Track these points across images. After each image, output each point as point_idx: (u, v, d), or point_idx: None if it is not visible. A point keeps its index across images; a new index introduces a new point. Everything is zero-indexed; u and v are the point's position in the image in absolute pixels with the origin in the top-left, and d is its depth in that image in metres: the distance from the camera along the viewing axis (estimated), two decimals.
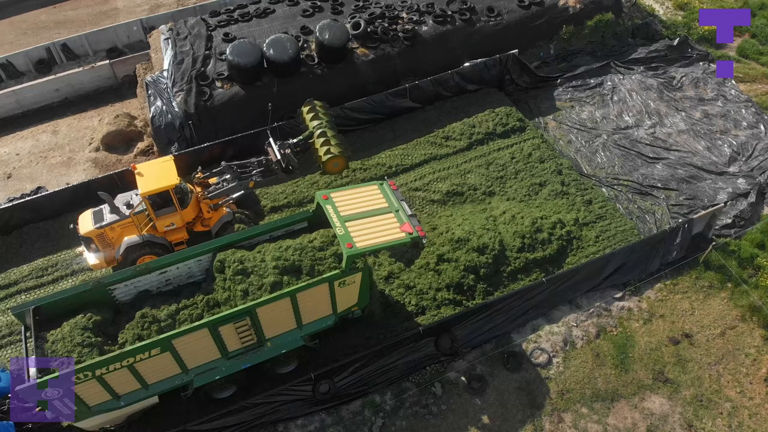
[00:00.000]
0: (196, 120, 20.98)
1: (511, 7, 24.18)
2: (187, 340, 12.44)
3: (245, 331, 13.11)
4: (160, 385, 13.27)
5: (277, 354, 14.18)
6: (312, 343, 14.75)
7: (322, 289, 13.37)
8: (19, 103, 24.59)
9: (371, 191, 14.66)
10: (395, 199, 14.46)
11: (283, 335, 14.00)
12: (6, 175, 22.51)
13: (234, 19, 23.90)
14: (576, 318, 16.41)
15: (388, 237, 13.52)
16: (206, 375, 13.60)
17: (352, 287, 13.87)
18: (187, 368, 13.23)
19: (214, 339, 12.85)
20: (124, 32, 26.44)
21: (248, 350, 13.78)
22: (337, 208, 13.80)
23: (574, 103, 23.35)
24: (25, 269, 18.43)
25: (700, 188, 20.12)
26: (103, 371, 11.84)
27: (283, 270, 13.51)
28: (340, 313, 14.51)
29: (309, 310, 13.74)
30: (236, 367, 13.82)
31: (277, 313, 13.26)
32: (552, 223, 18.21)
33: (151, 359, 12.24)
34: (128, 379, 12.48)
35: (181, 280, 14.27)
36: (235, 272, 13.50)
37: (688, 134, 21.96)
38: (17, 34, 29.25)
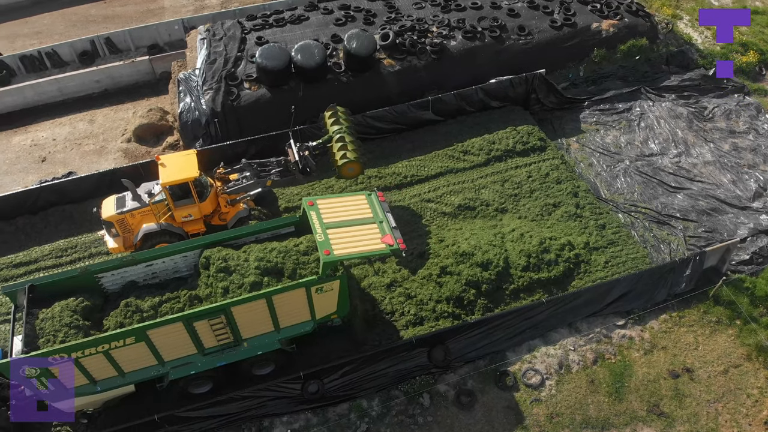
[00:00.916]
0: (222, 118, 21.61)
1: (542, 27, 24.13)
2: (163, 333, 12.82)
3: (220, 329, 13.41)
4: (136, 375, 13.69)
5: (253, 355, 14.42)
6: (289, 347, 14.93)
7: (298, 294, 13.54)
8: (60, 91, 25.80)
9: (358, 201, 14.87)
10: (381, 210, 14.61)
11: (260, 337, 14.23)
12: (41, 159, 23.61)
13: (269, 23, 24.57)
14: (574, 342, 16.17)
15: (368, 247, 13.68)
16: (182, 369, 13.95)
17: (331, 294, 13.97)
18: (163, 360, 13.61)
19: (190, 334, 13.18)
20: (166, 30, 27.44)
21: (224, 348, 14.05)
22: (321, 215, 14.02)
23: (599, 127, 23.09)
24: (47, 249, 19.29)
25: (721, 222, 19.60)
26: (79, 354, 12.29)
27: (264, 271, 13.79)
28: (319, 320, 14.64)
29: (286, 313, 13.93)
30: (212, 364, 14.13)
31: (253, 314, 13.49)
32: (561, 245, 18.02)
33: (126, 348, 12.66)
34: (105, 366, 12.92)
35: (167, 274, 14.73)
36: (218, 269, 13.87)
37: (714, 166, 21.43)
38: (67, 25, 30.70)
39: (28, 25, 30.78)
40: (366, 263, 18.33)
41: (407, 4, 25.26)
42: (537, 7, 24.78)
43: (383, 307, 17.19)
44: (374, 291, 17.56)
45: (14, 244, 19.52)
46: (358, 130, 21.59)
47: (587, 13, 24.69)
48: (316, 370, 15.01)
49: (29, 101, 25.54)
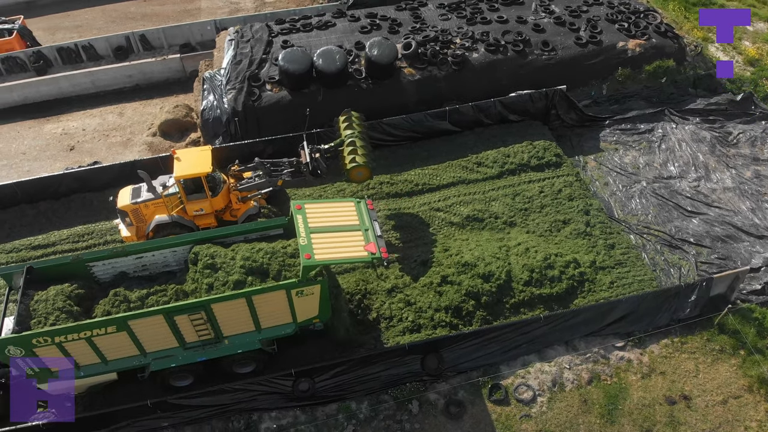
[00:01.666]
0: (242, 117, 22.12)
1: (567, 43, 24.02)
2: (144, 324, 13.15)
3: (201, 325, 13.68)
4: (119, 363, 14.06)
5: (234, 353, 14.66)
6: (269, 348, 15.12)
7: (279, 296, 13.71)
8: (94, 83, 26.78)
9: (346, 207, 15.03)
10: (368, 218, 14.73)
11: (240, 335, 14.46)
12: (69, 147, 24.52)
13: (296, 28, 25.10)
14: (570, 360, 15.97)
15: (350, 253, 13.82)
16: (163, 361, 14.27)
17: (312, 299, 14.08)
18: (145, 351, 13.94)
19: (171, 327, 13.49)
20: (199, 30, 28.25)
21: (205, 344, 14.33)
22: (307, 219, 14.22)
23: (618, 146, 22.81)
24: (65, 233, 19.99)
25: (735, 249, 19.13)
26: (62, 339, 12.71)
27: (249, 270, 14.05)
28: (301, 323, 14.77)
29: (267, 314, 14.12)
30: (192, 358, 14.42)
31: (233, 312, 13.71)
32: (566, 262, 17.84)
33: (108, 336, 13.03)
34: (87, 352, 13.31)
35: (157, 267, 15.13)
36: (205, 266, 14.19)
37: (734, 192, 20.94)
38: (106, 21, 31.89)
39: (69, 19, 32.11)
40: (370, 267, 18.49)
41: (433, 15, 25.48)
42: (563, 23, 24.69)
43: (382, 312, 17.30)
44: (375, 295, 17.68)
45: (35, 227, 20.30)
46: (374, 136, 21.90)
47: (614, 31, 24.48)
48: (308, 369, 15.19)
49: (64, 91, 26.59)
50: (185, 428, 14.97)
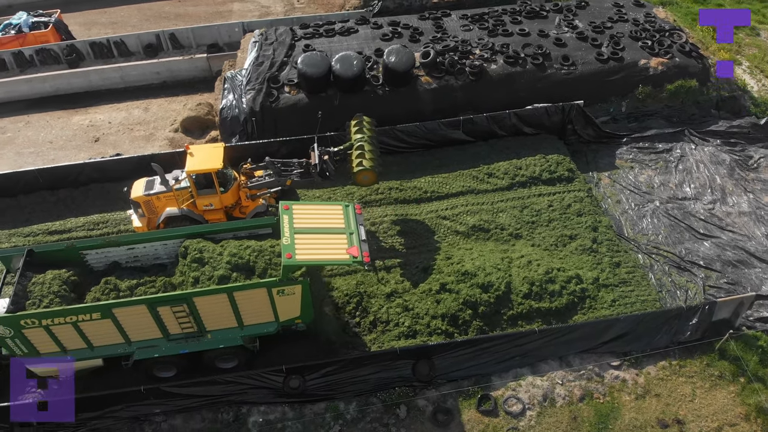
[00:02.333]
0: (259, 117, 22.56)
1: (588, 58, 23.86)
2: (127, 312, 13.50)
3: (183, 318, 13.97)
4: (104, 350, 14.45)
5: (216, 347, 14.91)
6: (251, 345, 15.34)
7: (260, 293, 13.90)
8: (123, 78, 27.67)
9: (333, 210, 15.19)
10: (354, 222, 14.87)
11: (223, 330, 14.70)
12: (94, 139, 25.34)
13: (319, 33, 25.52)
14: (563, 376, 15.80)
15: (331, 256, 13.98)
16: (147, 351, 14.60)
17: (293, 299, 14.23)
18: (130, 340, 14.31)
19: (154, 318, 13.80)
20: (227, 31, 28.91)
21: (188, 337, 14.62)
22: (293, 220, 14.41)
23: (634, 164, 22.52)
24: (81, 221, 20.64)
25: (746, 275, 18.69)
26: (49, 322, 13.14)
27: (234, 266, 14.32)
28: (283, 323, 14.94)
29: (249, 311, 14.32)
30: (175, 350, 14.71)
31: (215, 307, 13.95)
32: (568, 277, 17.67)
33: (94, 322, 13.42)
34: (74, 337, 13.72)
35: (148, 259, 15.51)
36: (193, 260, 14.52)
37: (750, 217, 20.47)
38: (141, 19, 32.90)
39: (105, 15, 33.23)
40: (371, 270, 18.63)
41: (455, 26, 25.61)
42: (585, 38, 24.54)
43: (379, 316, 17.39)
44: (374, 299, 17.77)
45: (53, 213, 20.99)
46: (387, 142, 22.13)
47: (637, 49, 24.22)
48: (299, 366, 15.37)
49: (93, 85, 27.54)
50: (176, 416, 15.27)
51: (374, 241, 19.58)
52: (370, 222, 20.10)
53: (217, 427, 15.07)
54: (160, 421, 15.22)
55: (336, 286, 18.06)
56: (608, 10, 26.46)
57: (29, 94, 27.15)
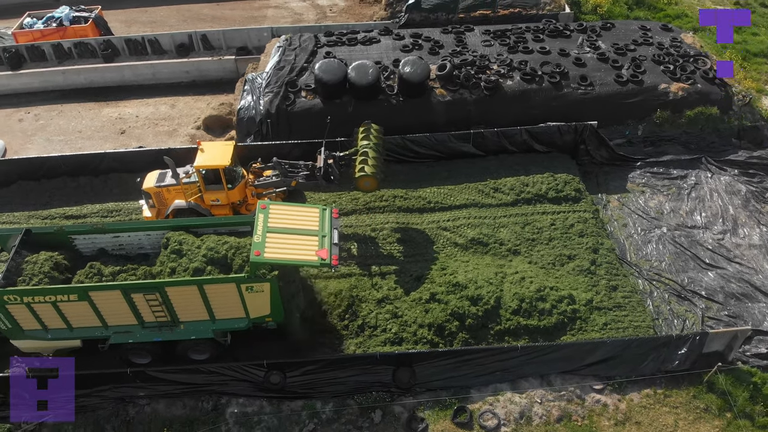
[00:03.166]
0: (275, 120, 23.15)
1: (606, 80, 23.66)
2: (103, 297, 14.07)
3: (157, 306, 14.43)
4: (83, 332, 15.04)
5: (188, 338, 15.33)
6: (222, 339, 15.70)
7: (229, 288, 14.26)
8: (154, 75, 28.75)
9: (310, 212, 15.47)
10: (328, 226, 15.10)
11: (196, 322, 15.12)
12: (120, 131, 26.38)
13: (342, 41, 26.03)
14: (543, 395, 15.67)
15: (300, 256, 14.22)
16: (122, 336, 15.15)
17: (262, 296, 14.51)
18: (107, 324, 14.86)
19: (129, 304, 14.31)
20: (256, 36, 29.74)
21: (162, 326, 15.07)
22: (268, 219, 14.74)
23: (646, 189, 22.17)
24: (96, 207, 21.53)
25: (749, 309, 18.19)
26: (30, 299, 13.79)
27: (210, 260, 14.71)
28: (254, 319, 15.25)
29: (220, 305, 14.70)
30: (149, 338, 15.20)
31: (187, 298, 14.36)
32: (560, 296, 17.54)
33: (72, 304, 14.02)
34: (54, 316, 14.35)
35: (132, 248, 16.08)
36: (172, 251, 15.00)
37: (760, 250, 19.91)
38: (179, 19, 34.12)
39: (146, 14, 34.59)
40: (366, 275, 18.87)
41: (476, 41, 25.75)
42: (606, 60, 24.35)
43: (368, 320, 17.59)
44: (365, 303, 18.00)
45: (72, 198, 21.98)
46: (398, 151, 22.42)
47: (658, 73, 23.89)
48: (281, 363, 15.67)
49: (126, 80, 28.69)
50: (159, 401, 15.77)
51: (373, 247, 19.84)
52: (371, 228, 20.39)
53: (195, 415, 15.50)
54: (143, 404, 15.75)
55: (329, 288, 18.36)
56: (634, 33, 26.19)
57: (64, 85, 28.48)
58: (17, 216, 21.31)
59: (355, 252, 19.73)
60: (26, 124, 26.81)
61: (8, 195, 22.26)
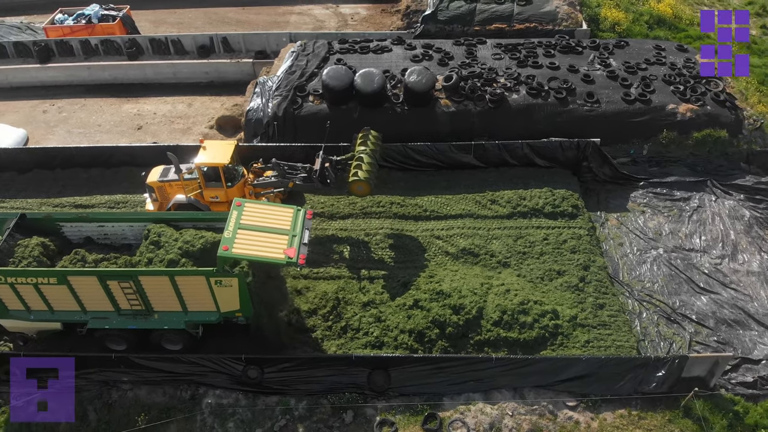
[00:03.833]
0: (281, 122, 23.69)
1: (614, 98, 23.53)
2: (81, 282, 14.65)
3: (131, 294, 14.93)
4: (63, 315, 15.65)
5: (160, 328, 15.79)
6: (193, 331, 16.14)
7: (199, 281, 14.66)
8: (175, 74, 29.71)
9: (284, 212, 15.79)
10: (301, 226, 15.40)
11: (169, 313, 15.59)
12: (137, 126, 27.32)
13: (354, 49, 26.48)
14: (514, 407, 15.66)
15: (267, 253, 14.53)
16: (99, 321, 15.71)
17: (231, 291, 14.86)
18: (85, 309, 15.43)
19: (105, 291, 14.85)
20: (275, 40, 30.44)
21: (137, 314, 15.58)
22: (242, 216, 15.13)
23: (646, 209, 21.94)
24: (104, 198, 22.36)
25: (739, 336, 17.86)
26: (13, 280, 14.45)
27: (185, 253, 15.19)
28: (224, 314, 15.62)
29: (191, 298, 15.13)
30: (124, 324, 15.73)
31: (159, 288, 14.83)
32: (543, 311, 17.52)
33: (52, 287, 14.63)
34: (36, 298, 14.98)
35: (117, 238, 16.69)
36: (151, 242, 15.55)
37: (758, 277, 19.51)
38: (205, 21, 35.16)
39: (174, 16, 35.73)
40: (355, 278, 19.16)
41: (487, 54, 25.90)
42: (616, 77, 24.22)
43: (351, 323, 17.86)
44: (350, 306, 18.29)
45: (83, 189, 22.85)
46: (399, 159, 22.70)
47: (668, 93, 23.65)
48: (259, 358, 16.03)
49: (147, 78, 29.72)
50: (142, 387, 16.29)
51: (365, 251, 20.12)
52: (365, 232, 20.68)
53: (173, 403, 15.97)
54: (126, 389, 16.29)
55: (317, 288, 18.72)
56: (648, 52, 25.97)
57: (89, 80, 29.63)
58: (30, 202, 22.29)
59: (347, 255, 20.05)
60: (50, 116, 27.99)
61: (24, 182, 23.29)
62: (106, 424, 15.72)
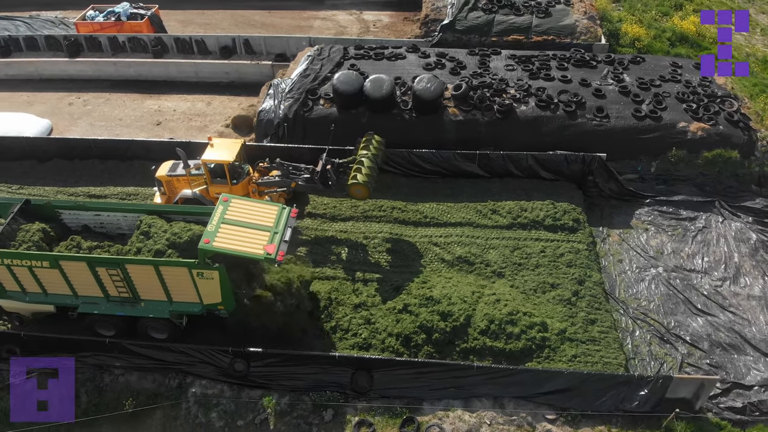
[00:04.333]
0: (291, 124, 24.18)
1: (624, 113, 23.36)
2: (72, 267, 15.22)
3: (119, 281, 15.44)
4: (56, 298, 16.26)
5: (146, 316, 16.27)
6: (177, 321, 16.57)
7: (182, 272, 15.07)
8: (196, 73, 30.55)
9: (269, 210, 16.11)
10: (283, 224, 15.68)
11: (154, 302, 16.05)
12: (156, 122, 28.16)
13: (369, 55, 26.87)
14: (493, 417, 15.70)
15: (247, 248, 14.85)
16: (89, 306, 16.27)
17: (213, 283, 15.22)
18: (76, 293, 16.02)
19: (94, 276, 15.39)
20: (295, 44, 31.03)
21: (124, 301, 16.10)
22: (227, 211, 15.52)
23: (650, 227, 21.71)
24: (116, 190, 23.13)
25: (734, 360, 17.57)
26: (9, 262, 15.10)
27: (172, 244, 15.63)
28: (207, 305, 15.99)
29: (176, 288, 15.55)
30: (113, 311, 16.23)
31: (144, 277, 15.29)
32: (531, 323, 17.50)
33: (45, 270, 15.24)
34: (31, 281, 15.62)
35: (112, 228, 17.24)
36: (142, 232, 16.06)
37: (759, 302, 19.15)
38: (231, 23, 36.03)
39: (202, 17, 36.71)
40: (349, 280, 19.44)
41: (500, 65, 25.99)
42: (627, 93, 24.04)
43: (341, 323, 18.10)
44: (342, 306, 18.55)
45: (98, 180, 23.68)
46: (404, 164, 22.97)
47: (680, 111, 23.38)
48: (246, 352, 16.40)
49: (171, 75, 30.63)
50: (133, 373, 16.85)
51: (362, 253, 20.39)
52: (364, 235, 20.95)
53: (161, 390, 16.48)
54: (118, 374, 16.87)
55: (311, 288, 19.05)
56: (663, 69, 25.71)
57: (115, 76, 30.70)
58: (47, 190, 23.19)
59: (344, 257, 20.35)
60: (75, 108, 29.07)
61: (44, 170, 24.25)
62: (95, 406, 16.30)
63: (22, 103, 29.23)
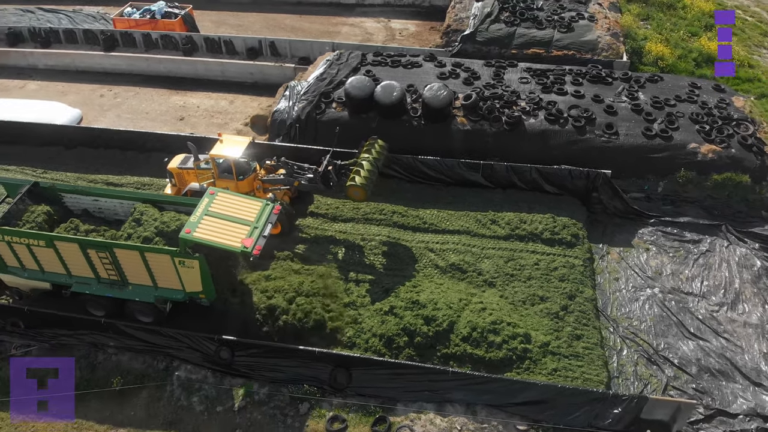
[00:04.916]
0: (303, 125, 24.84)
1: (634, 132, 23.16)
2: (65, 247, 16.05)
3: (108, 264, 16.18)
4: (52, 276, 17.14)
5: (133, 299, 16.97)
6: (161, 306, 17.22)
7: (165, 259, 15.73)
8: (223, 73, 31.59)
9: (252, 205, 16.64)
10: (264, 219, 16.17)
11: (141, 286, 16.76)
12: (180, 117, 29.25)
13: (385, 62, 27.33)
14: (464, 423, 15.83)
15: (225, 240, 15.44)
16: (82, 286, 17.10)
17: (193, 272, 15.83)
18: (70, 273, 16.83)
19: (86, 258, 16.17)
20: (318, 48, 31.74)
21: (113, 284, 16.84)
22: (212, 203, 16.12)
23: (651, 247, 21.45)
24: (132, 179, 24.20)
25: (721, 387, 17.25)
26: (9, 239, 16.01)
27: (160, 232, 16.33)
28: (189, 293, 16.63)
29: (160, 274, 16.22)
30: (103, 292, 17.02)
31: (131, 262, 16.00)
32: (514, 333, 17.57)
33: (41, 249, 16.10)
34: (29, 258, 16.51)
35: (110, 214, 18.09)
36: (134, 219, 16.83)
37: (755, 330, 18.73)
38: (262, 26, 37.07)
39: (235, 18, 37.90)
40: (342, 280, 19.85)
41: (514, 77, 26.07)
42: (640, 111, 23.82)
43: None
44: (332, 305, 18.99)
45: (117, 168, 24.80)
46: (408, 170, 23.28)
47: (692, 132, 23.04)
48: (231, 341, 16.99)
49: (198, 73, 31.75)
50: (125, 353, 17.64)
51: (358, 255, 20.79)
52: (362, 237, 21.34)
53: (149, 371, 17.19)
54: (111, 354, 17.68)
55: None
56: (681, 89, 25.35)
57: (146, 71, 32.02)
58: (68, 176, 24.43)
59: (341, 257, 20.78)
60: (105, 100, 30.45)
61: (69, 157, 25.54)
62: (86, 381, 17.11)
63: (56, 93, 30.79)
